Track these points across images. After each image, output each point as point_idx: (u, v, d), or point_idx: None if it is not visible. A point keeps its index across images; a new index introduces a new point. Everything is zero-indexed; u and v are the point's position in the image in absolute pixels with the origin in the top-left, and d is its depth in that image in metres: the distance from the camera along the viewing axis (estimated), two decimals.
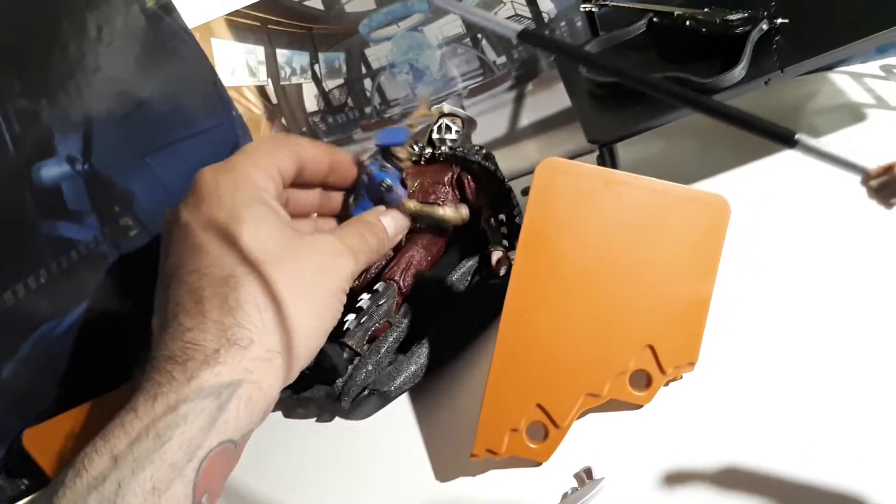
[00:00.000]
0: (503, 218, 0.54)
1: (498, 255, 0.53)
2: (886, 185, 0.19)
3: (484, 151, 0.56)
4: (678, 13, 0.52)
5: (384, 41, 0.62)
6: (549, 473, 0.40)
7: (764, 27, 0.48)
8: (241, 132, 0.63)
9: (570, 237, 0.39)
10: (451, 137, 0.58)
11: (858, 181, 0.20)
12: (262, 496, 0.46)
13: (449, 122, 0.60)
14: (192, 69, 0.58)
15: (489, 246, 0.54)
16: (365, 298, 0.49)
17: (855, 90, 0.58)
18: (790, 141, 0.21)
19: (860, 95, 0.57)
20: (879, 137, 0.52)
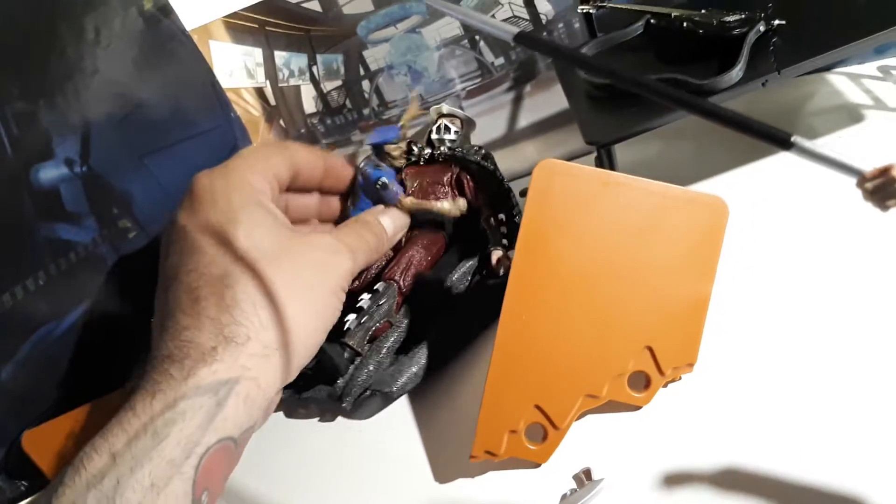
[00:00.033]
0: (503, 217, 0.54)
1: (498, 254, 0.53)
2: (882, 187, 0.19)
3: (483, 151, 0.56)
4: (675, 15, 0.52)
5: (382, 43, 0.62)
6: (547, 475, 0.40)
7: (761, 29, 0.48)
8: (239, 134, 0.63)
9: (568, 239, 0.39)
10: (449, 138, 0.58)
11: (854, 183, 0.21)
12: (261, 497, 0.46)
13: (448, 122, 0.60)
14: (190, 71, 0.58)
15: (489, 246, 0.54)
16: (365, 298, 0.49)
17: (853, 91, 0.58)
18: (786, 143, 0.21)
19: (858, 96, 0.57)
20: (877, 138, 0.52)
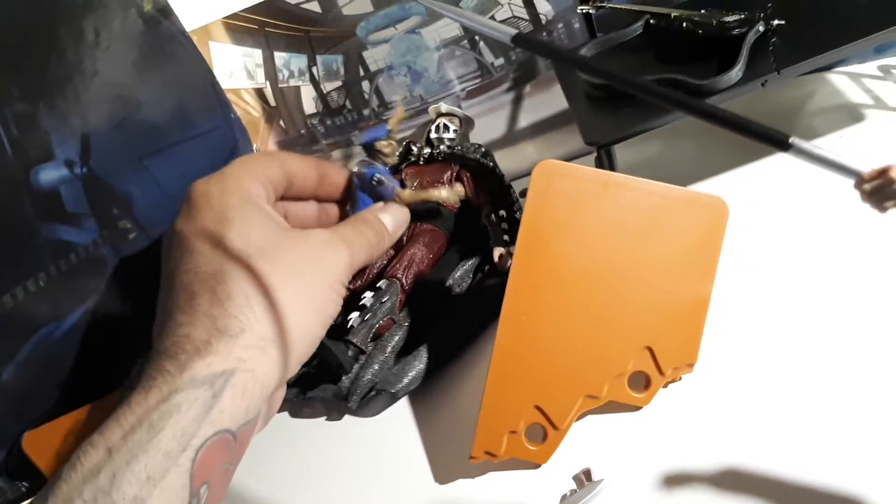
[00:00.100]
0: (503, 214, 0.54)
1: (500, 251, 0.53)
2: (880, 188, 0.19)
3: (482, 149, 0.57)
4: (675, 15, 0.52)
5: (382, 44, 0.62)
6: (547, 475, 0.40)
7: (760, 29, 0.48)
8: (239, 135, 0.63)
9: (567, 239, 0.39)
10: (448, 136, 0.59)
11: (852, 184, 0.21)
12: (262, 497, 0.46)
13: (446, 121, 0.60)
14: (189, 72, 0.58)
15: (490, 243, 0.54)
16: (368, 296, 0.49)
17: (853, 90, 0.58)
18: (784, 144, 0.21)
19: (858, 96, 0.57)
20: (877, 138, 0.52)
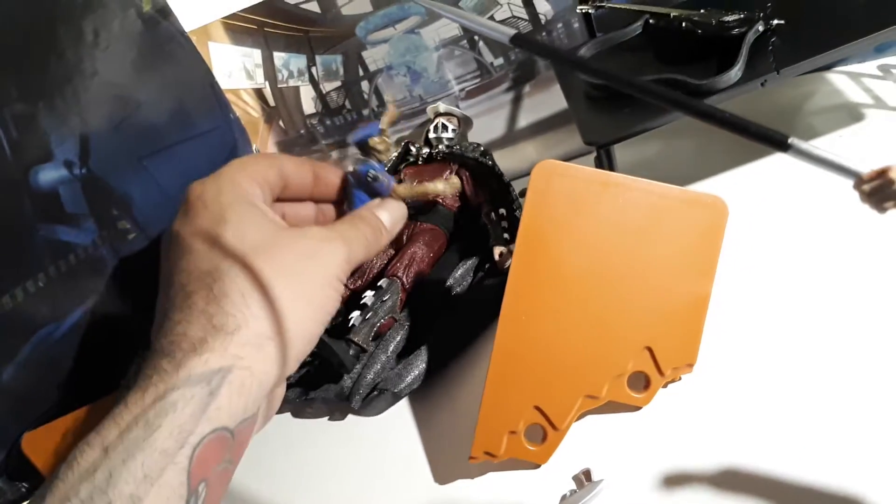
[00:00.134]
0: (503, 213, 0.55)
1: (500, 250, 0.53)
2: (879, 189, 0.19)
3: (481, 148, 0.57)
4: (674, 15, 0.52)
5: (381, 44, 0.62)
6: (547, 475, 0.40)
7: (760, 28, 0.48)
8: (238, 135, 0.63)
9: (567, 239, 0.39)
10: (447, 136, 0.59)
11: (851, 185, 0.20)
12: (262, 497, 0.46)
13: (445, 121, 0.60)
14: (189, 72, 0.58)
15: (490, 241, 0.54)
16: (369, 295, 0.49)
17: (853, 90, 0.58)
18: (783, 145, 0.21)
19: (858, 95, 0.57)
20: (877, 137, 0.52)
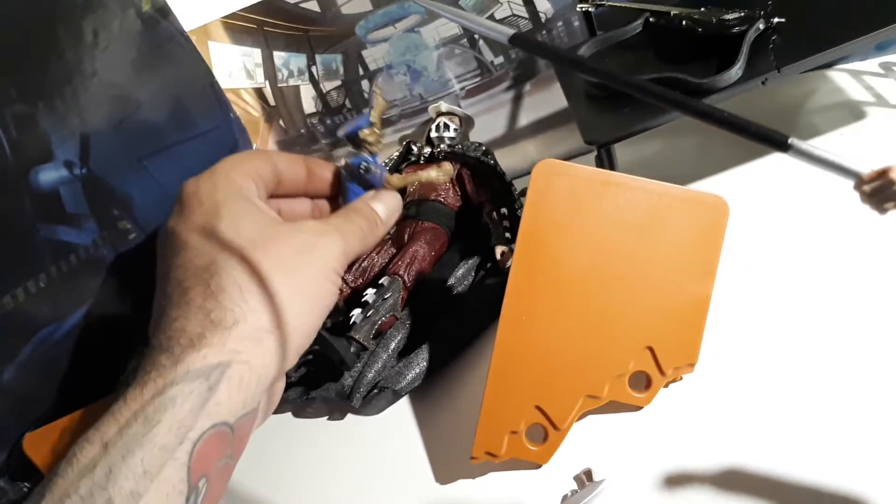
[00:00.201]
0: (505, 212, 0.54)
1: (502, 249, 0.53)
2: (880, 189, 0.19)
3: (483, 147, 0.56)
4: (675, 13, 0.52)
5: (381, 42, 0.62)
6: (548, 475, 0.40)
7: (760, 27, 0.48)
8: (239, 134, 0.63)
9: (567, 239, 0.39)
10: (448, 136, 0.59)
11: (852, 186, 0.20)
12: (263, 497, 0.46)
13: (446, 120, 0.60)
14: (189, 72, 0.58)
15: (492, 240, 0.54)
16: (370, 293, 0.49)
17: (854, 88, 0.57)
18: (783, 145, 0.20)
19: (859, 93, 0.57)
20: (879, 135, 0.52)
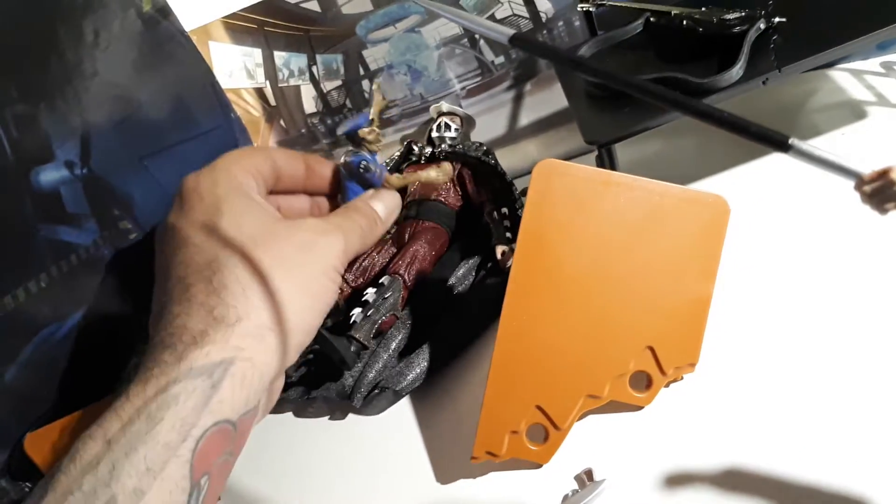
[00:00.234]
0: (506, 212, 0.54)
1: (502, 248, 0.53)
2: (880, 190, 0.19)
3: (484, 147, 0.56)
4: (675, 13, 0.52)
5: (382, 42, 0.62)
6: (549, 475, 0.40)
7: (761, 26, 0.48)
8: (239, 134, 0.63)
9: (568, 239, 0.39)
10: (449, 135, 0.58)
11: (852, 186, 0.20)
12: (264, 496, 0.46)
13: (447, 120, 0.60)
14: (189, 72, 0.58)
15: (493, 240, 0.54)
16: (371, 292, 0.49)
17: (855, 87, 0.57)
18: (784, 146, 0.20)
19: (860, 93, 0.57)
20: (880, 135, 0.52)
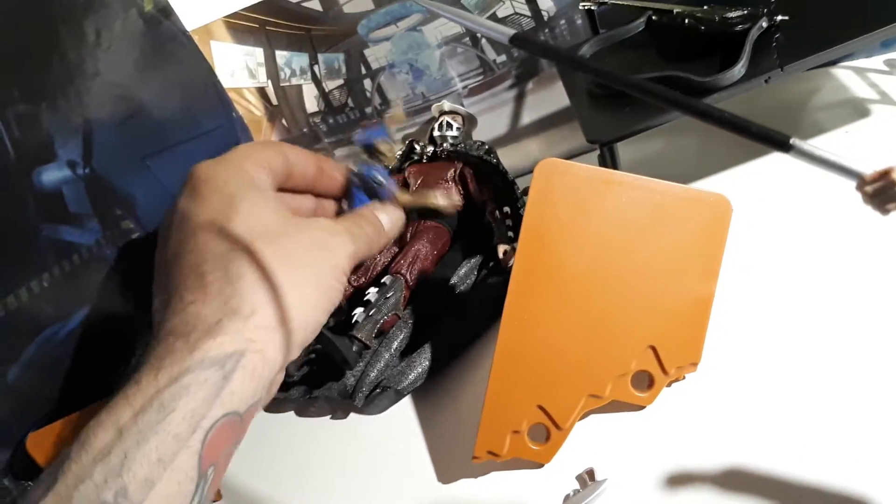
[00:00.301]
0: (507, 210, 0.54)
1: (504, 248, 0.53)
2: (882, 190, 0.19)
3: (486, 146, 0.56)
4: (677, 11, 0.52)
5: (383, 41, 0.62)
6: (551, 475, 0.39)
7: (764, 24, 0.48)
8: (241, 134, 0.63)
9: (569, 238, 0.39)
10: (451, 134, 0.58)
11: (854, 186, 0.20)
12: (264, 496, 0.46)
13: (449, 119, 0.60)
14: (191, 72, 0.58)
15: (494, 239, 0.54)
16: (372, 292, 0.49)
17: (858, 85, 0.57)
18: (785, 146, 0.20)
19: (864, 91, 0.56)
20: (883, 133, 0.51)
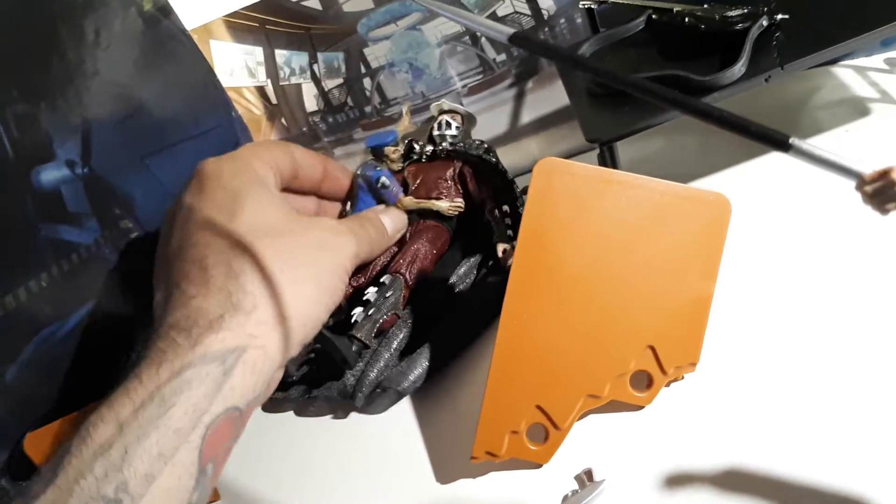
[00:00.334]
0: (507, 209, 0.54)
1: (503, 247, 0.53)
2: (881, 190, 0.19)
3: (485, 145, 0.56)
4: (677, 10, 0.52)
5: (383, 40, 0.62)
6: (549, 475, 0.39)
7: (764, 23, 0.48)
8: (241, 133, 0.63)
9: (569, 238, 0.39)
10: (451, 133, 0.58)
11: (853, 186, 0.20)
12: (263, 496, 0.46)
13: (449, 118, 0.59)
14: (190, 71, 0.58)
15: (494, 238, 0.54)
16: (372, 291, 0.49)
17: (859, 84, 0.57)
18: (784, 145, 0.20)
19: (864, 90, 0.56)
20: (884, 132, 0.51)
